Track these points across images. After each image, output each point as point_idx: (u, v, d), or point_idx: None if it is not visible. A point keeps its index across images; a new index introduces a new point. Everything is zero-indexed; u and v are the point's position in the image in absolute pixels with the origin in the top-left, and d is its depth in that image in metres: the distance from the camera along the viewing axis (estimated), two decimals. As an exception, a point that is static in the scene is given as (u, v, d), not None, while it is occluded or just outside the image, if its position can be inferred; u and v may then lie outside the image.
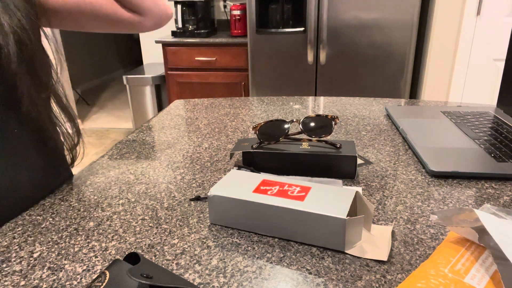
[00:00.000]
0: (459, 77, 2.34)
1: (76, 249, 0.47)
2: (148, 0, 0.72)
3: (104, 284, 0.34)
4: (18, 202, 0.57)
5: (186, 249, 0.47)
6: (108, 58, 5.32)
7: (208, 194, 0.51)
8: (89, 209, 0.57)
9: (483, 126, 0.81)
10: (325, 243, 0.46)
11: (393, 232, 0.49)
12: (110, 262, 0.45)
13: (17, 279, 0.43)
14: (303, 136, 0.66)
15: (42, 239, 0.50)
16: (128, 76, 2.94)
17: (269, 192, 0.50)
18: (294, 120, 0.66)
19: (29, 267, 0.45)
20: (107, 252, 0.47)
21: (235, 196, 0.49)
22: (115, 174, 0.68)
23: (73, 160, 0.68)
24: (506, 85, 0.90)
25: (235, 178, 0.54)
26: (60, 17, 0.66)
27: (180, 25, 2.75)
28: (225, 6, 3.01)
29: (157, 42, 2.67)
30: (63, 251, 0.47)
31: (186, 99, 1.14)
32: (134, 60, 5.68)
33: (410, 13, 2.18)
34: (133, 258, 0.38)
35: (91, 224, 0.53)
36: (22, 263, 0.45)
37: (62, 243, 0.49)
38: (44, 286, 0.42)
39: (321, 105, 1.05)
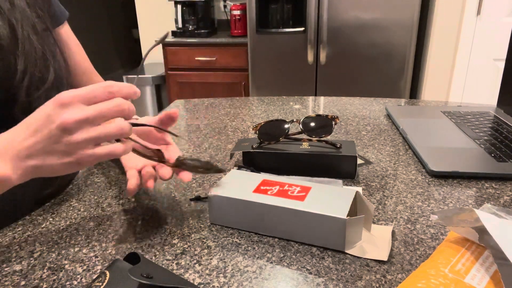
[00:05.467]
0: (459, 77, 2.34)
1: (76, 249, 0.47)
2: None
3: (104, 284, 0.34)
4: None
5: (186, 249, 0.47)
6: (108, 58, 5.32)
7: (208, 194, 0.51)
8: (89, 209, 0.56)
9: (483, 126, 0.81)
10: (325, 243, 0.46)
11: (393, 232, 0.49)
12: (110, 262, 0.45)
13: (17, 279, 0.43)
14: (303, 136, 0.66)
15: (42, 239, 0.50)
16: (128, 76, 2.94)
17: (269, 192, 0.50)
18: (294, 120, 0.66)
19: (29, 267, 0.45)
20: (107, 252, 0.47)
21: (235, 196, 0.49)
22: (115, 174, 0.68)
23: None
24: (506, 85, 0.90)
25: (235, 178, 0.54)
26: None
27: (180, 25, 2.75)
28: (225, 6, 3.01)
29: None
30: (63, 251, 0.47)
31: (186, 99, 1.14)
32: (134, 60, 5.68)
33: (410, 13, 2.18)
34: (133, 258, 0.38)
35: (91, 224, 0.53)
36: (22, 263, 0.45)
37: (62, 243, 0.49)
38: (44, 286, 0.42)
39: (321, 105, 1.05)
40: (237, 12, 2.65)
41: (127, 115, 0.42)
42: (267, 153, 0.64)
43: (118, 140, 0.43)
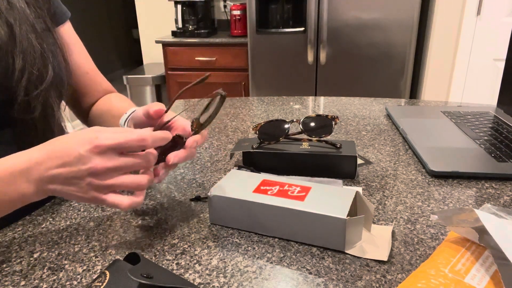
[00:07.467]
0: (459, 77, 2.34)
1: (76, 249, 0.47)
2: None
3: (104, 284, 0.34)
4: None
5: (186, 249, 0.47)
6: (108, 58, 5.32)
7: (208, 194, 0.51)
8: (89, 209, 0.56)
9: (483, 126, 0.81)
10: (325, 243, 0.46)
11: (393, 232, 0.49)
12: (110, 262, 0.45)
13: (17, 279, 0.43)
14: (303, 136, 0.66)
15: (42, 239, 0.50)
16: (128, 76, 2.94)
17: (269, 192, 0.50)
18: (294, 120, 0.66)
19: (29, 267, 0.45)
20: (107, 252, 0.47)
21: (235, 196, 0.49)
22: (115, 174, 0.67)
23: None
24: (506, 85, 0.90)
25: (235, 178, 0.54)
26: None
27: (180, 25, 2.75)
28: (225, 6, 3.01)
29: (157, 42, 2.66)
30: (63, 251, 0.47)
31: (186, 99, 1.14)
32: (134, 60, 5.68)
33: (410, 13, 2.18)
34: (133, 258, 0.38)
35: (91, 224, 0.53)
36: (22, 263, 0.45)
37: (62, 243, 0.49)
38: (44, 286, 0.42)
39: (321, 105, 1.05)
40: (237, 12, 2.65)
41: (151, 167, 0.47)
42: (267, 153, 0.64)
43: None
